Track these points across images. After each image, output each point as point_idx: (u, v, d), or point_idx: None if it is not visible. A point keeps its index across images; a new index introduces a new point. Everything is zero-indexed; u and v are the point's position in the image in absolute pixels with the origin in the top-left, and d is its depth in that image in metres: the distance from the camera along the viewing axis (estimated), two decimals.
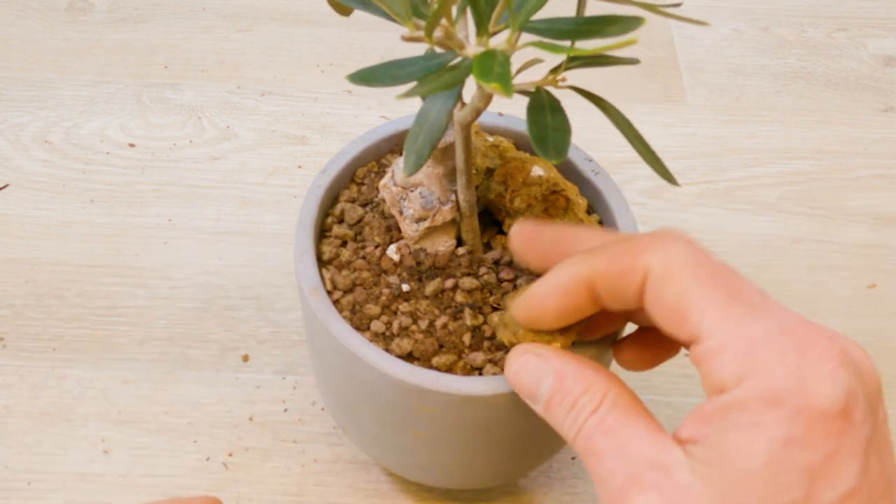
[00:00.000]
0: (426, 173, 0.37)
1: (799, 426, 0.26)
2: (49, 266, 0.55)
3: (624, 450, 0.29)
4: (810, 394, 0.26)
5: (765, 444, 0.26)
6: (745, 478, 0.27)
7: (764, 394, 0.27)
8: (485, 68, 0.23)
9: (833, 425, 0.26)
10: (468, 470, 0.41)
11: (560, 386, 0.31)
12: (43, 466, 0.47)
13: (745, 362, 0.27)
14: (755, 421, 0.27)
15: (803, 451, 0.26)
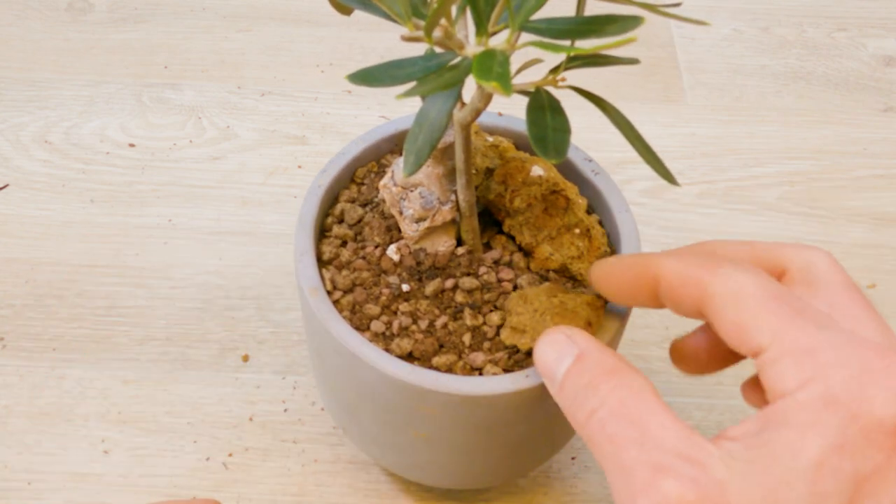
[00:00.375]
0: (426, 173, 0.37)
1: (852, 432, 0.26)
2: (49, 266, 0.55)
3: (650, 440, 0.28)
4: (869, 402, 0.26)
5: (816, 444, 0.26)
6: (789, 476, 0.26)
7: (823, 396, 0.26)
8: (484, 68, 0.23)
9: (887, 439, 0.26)
10: (468, 470, 0.41)
11: (580, 363, 0.31)
12: (43, 466, 0.47)
13: (807, 367, 0.27)
14: (810, 421, 0.26)
15: (853, 459, 0.26)
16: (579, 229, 0.39)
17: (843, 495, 0.26)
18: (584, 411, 0.30)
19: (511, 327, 0.36)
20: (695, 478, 0.27)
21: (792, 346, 0.28)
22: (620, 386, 0.30)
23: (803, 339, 0.28)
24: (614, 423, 0.29)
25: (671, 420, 0.28)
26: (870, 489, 0.26)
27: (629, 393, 0.30)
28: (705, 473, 0.27)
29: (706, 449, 0.27)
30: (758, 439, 0.27)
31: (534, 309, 0.36)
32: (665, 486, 0.27)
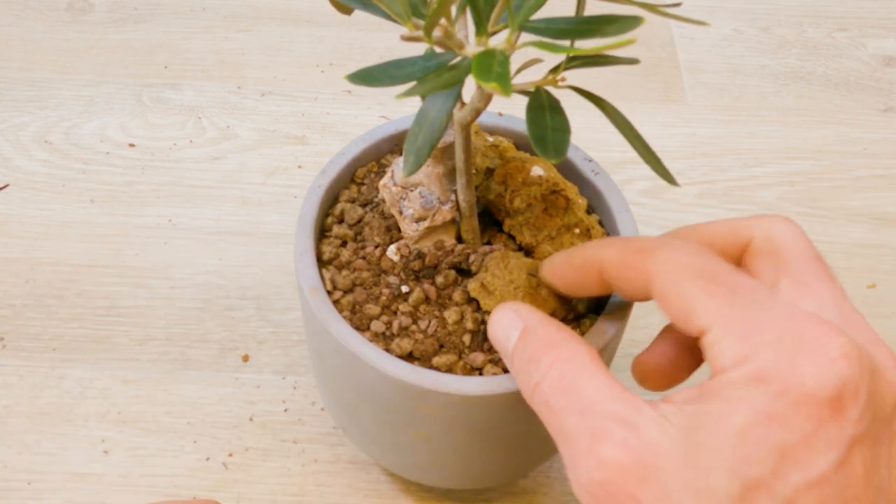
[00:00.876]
0: (426, 173, 0.37)
1: (781, 404, 0.26)
2: (49, 266, 0.55)
3: (588, 407, 0.29)
4: (800, 376, 0.26)
5: (743, 414, 0.26)
6: (715, 444, 0.26)
7: (755, 373, 0.27)
8: (484, 68, 0.23)
9: (817, 410, 0.26)
10: (468, 470, 0.41)
11: (524, 338, 0.32)
12: (43, 466, 0.47)
13: (744, 346, 0.27)
14: (740, 395, 0.27)
15: (781, 429, 0.26)
16: (579, 229, 0.39)
17: (766, 462, 0.26)
18: (530, 385, 0.31)
19: (482, 283, 0.37)
20: (628, 441, 0.27)
21: (729, 327, 0.28)
22: (560, 358, 0.30)
23: (740, 318, 0.28)
24: (555, 394, 0.30)
25: (608, 385, 0.29)
26: (796, 458, 0.26)
27: (568, 364, 0.30)
28: (639, 436, 0.27)
29: (641, 411, 0.28)
30: (691, 407, 0.28)
31: (510, 279, 0.36)
32: (601, 451, 0.27)
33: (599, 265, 0.33)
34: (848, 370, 0.26)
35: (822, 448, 0.26)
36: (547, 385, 0.30)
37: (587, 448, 0.28)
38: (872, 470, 0.27)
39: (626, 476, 0.27)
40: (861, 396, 0.26)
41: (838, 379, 0.26)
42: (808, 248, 0.32)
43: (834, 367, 0.26)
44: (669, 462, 0.27)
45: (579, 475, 0.28)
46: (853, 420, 0.26)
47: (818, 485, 0.26)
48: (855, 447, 0.26)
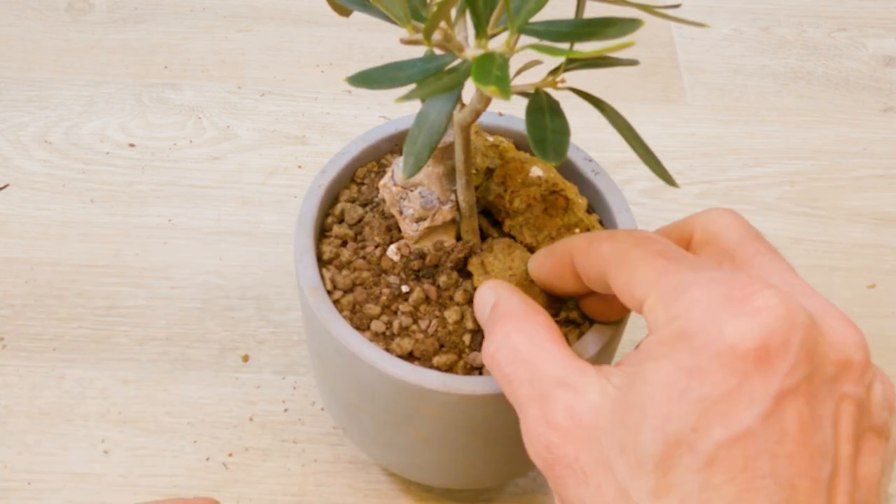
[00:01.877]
0: (426, 173, 0.37)
1: (702, 358, 0.26)
2: (49, 266, 0.55)
3: (537, 374, 0.29)
4: (722, 329, 0.26)
5: (666, 371, 0.26)
6: (641, 402, 0.26)
7: (681, 328, 0.27)
8: (483, 71, 0.23)
9: (740, 363, 0.25)
10: (468, 470, 0.41)
11: (493, 311, 0.33)
12: (43, 466, 0.47)
13: (673, 307, 0.27)
14: (665, 352, 0.27)
15: (702, 384, 0.25)
16: (579, 229, 0.39)
17: (690, 416, 0.25)
18: (488, 356, 0.31)
19: (482, 261, 0.37)
20: (571, 404, 0.28)
21: (664, 291, 0.28)
22: (516, 329, 0.31)
23: (674, 283, 0.28)
24: (509, 363, 0.30)
25: (558, 353, 0.30)
26: (719, 411, 0.25)
27: (523, 335, 0.31)
28: (581, 399, 0.28)
29: (586, 373, 0.28)
30: (628, 369, 0.28)
31: (509, 266, 0.37)
32: (547, 415, 0.28)
33: (570, 255, 0.34)
34: (774, 322, 0.25)
35: (745, 401, 0.25)
36: (502, 355, 0.31)
37: (536, 414, 0.28)
38: (809, 427, 0.26)
39: (569, 438, 0.27)
40: (791, 349, 0.25)
41: (762, 330, 0.25)
42: (747, 231, 0.32)
43: (757, 318, 0.25)
44: (606, 423, 0.27)
45: (531, 441, 0.29)
46: (781, 372, 0.25)
47: (742, 439, 0.25)
48: (785, 400, 0.25)
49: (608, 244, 0.31)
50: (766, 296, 0.26)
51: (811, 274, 0.57)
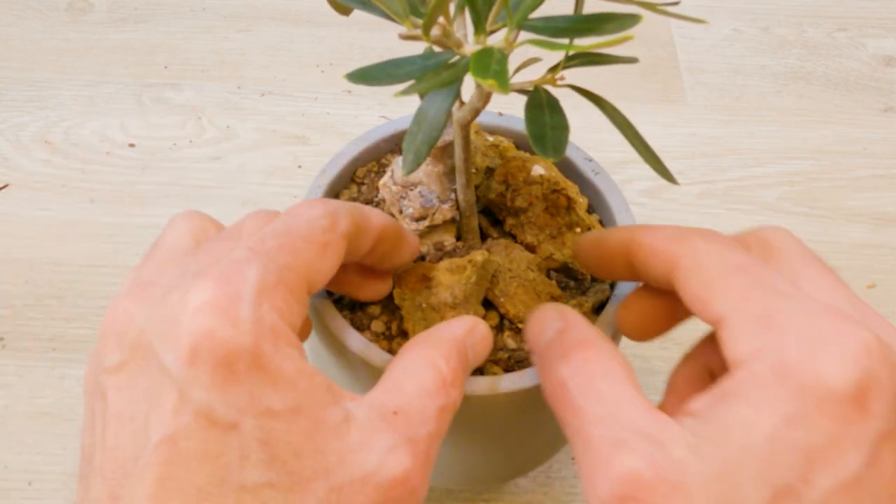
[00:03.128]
0: (426, 172, 0.37)
1: (805, 404, 0.25)
2: (49, 266, 0.55)
3: (613, 416, 0.28)
4: (821, 371, 0.25)
5: (768, 419, 0.25)
6: (743, 453, 0.25)
7: (774, 366, 0.26)
8: (482, 65, 0.23)
9: (841, 409, 0.25)
10: (468, 470, 0.41)
11: (562, 335, 0.31)
12: (43, 466, 0.47)
13: (761, 336, 0.27)
14: (761, 394, 0.26)
15: (806, 431, 0.25)
16: (580, 228, 0.39)
17: (796, 469, 0.25)
18: (557, 381, 0.30)
19: None
20: (652, 456, 0.26)
21: (748, 315, 0.27)
22: (593, 360, 0.30)
23: (759, 308, 0.27)
24: (581, 395, 0.29)
25: (636, 398, 0.28)
26: (823, 461, 0.25)
27: (600, 367, 0.29)
28: (664, 452, 0.26)
29: (668, 427, 0.27)
30: (713, 413, 0.27)
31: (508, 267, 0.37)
32: (624, 462, 0.26)
33: (630, 247, 0.32)
34: (869, 364, 0.25)
35: (849, 448, 0.25)
36: (574, 383, 0.29)
37: (607, 458, 0.27)
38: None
39: (649, 492, 0.26)
40: (885, 391, 0.25)
41: (861, 373, 0.25)
42: (805, 249, 0.31)
43: (856, 361, 0.25)
44: (697, 479, 0.26)
45: (597, 484, 0.27)
46: (879, 416, 0.25)
47: (850, 487, 0.25)
48: (883, 444, 0.25)
49: (680, 246, 0.30)
50: (862, 338, 0.26)
51: None
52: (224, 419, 0.25)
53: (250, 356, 0.26)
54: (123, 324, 0.28)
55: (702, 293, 0.29)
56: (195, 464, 0.25)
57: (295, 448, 0.26)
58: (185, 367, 0.26)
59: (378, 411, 0.28)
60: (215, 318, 0.26)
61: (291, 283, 0.28)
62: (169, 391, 0.26)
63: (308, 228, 0.29)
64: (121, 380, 0.27)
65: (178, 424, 0.25)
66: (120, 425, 0.27)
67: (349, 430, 0.27)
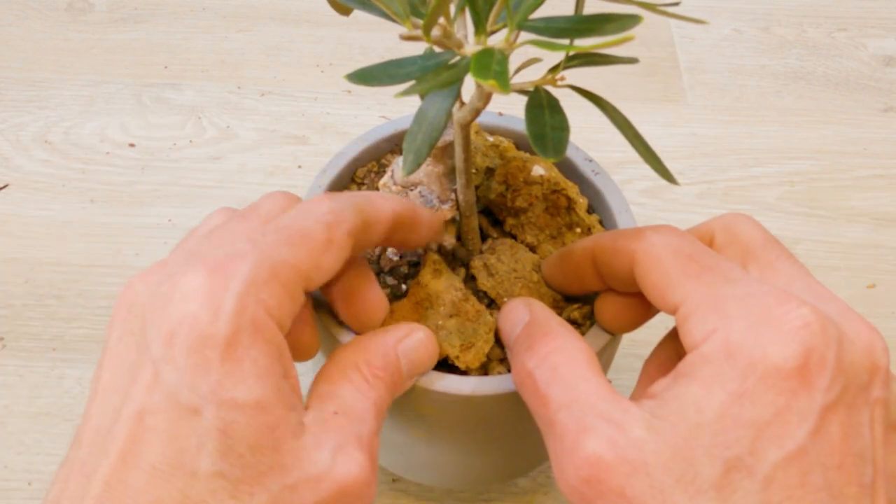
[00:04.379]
0: (426, 172, 0.37)
1: (750, 380, 0.26)
2: (49, 266, 0.55)
3: (577, 402, 0.29)
4: (765, 349, 0.27)
5: (717, 396, 0.27)
6: (695, 430, 0.27)
7: (722, 347, 0.27)
8: (482, 66, 0.23)
9: (785, 382, 0.26)
10: (468, 470, 0.41)
11: (528, 328, 0.33)
12: (43, 466, 0.47)
13: (711, 320, 0.28)
14: (711, 373, 0.27)
15: (752, 406, 0.26)
16: (580, 229, 0.39)
17: (746, 441, 0.26)
18: (524, 371, 0.31)
19: (485, 263, 0.37)
20: (613, 438, 0.27)
21: (700, 301, 0.29)
22: (557, 349, 0.31)
23: (710, 294, 0.29)
24: (547, 384, 0.30)
25: (599, 384, 0.29)
26: (771, 433, 0.26)
27: (564, 356, 0.30)
28: (624, 433, 0.27)
29: (628, 409, 0.28)
30: (669, 394, 0.28)
31: (513, 267, 0.37)
32: (588, 446, 0.28)
33: (593, 252, 0.34)
34: (811, 339, 0.27)
35: (794, 420, 0.26)
36: (540, 373, 0.30)
37: (573, 443, 0.28)
38: (851, 436, 0.27)
39: (612, 472, 0.27)
40: (828, 364, 0.27)
41: (801, 348, 0.26)
42: (766, 234, 0.33)
43: (796, 337, 0.27)
44: (655, 456, 0.27)
45: (565, 470, 0.28)
46: (822, 388, 0.26)
47: (796, 457, 0.26)
48: (828, 414, 0.26)
49: (637, 242, 0.32)
50: (803, 314, 0.27)
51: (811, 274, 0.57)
52: (188, 403, 0.26)
53: (224, 345, 0.27)
54: (129, 301, 0.29)
55: (658, 283, 0.30)
56: (155, 442, 0.26)
57: (252, 442, 0.27)
58: (163, 348, 0.27)
59: (321, 414, 0.29)
60: (198, 305, 0.27)
61: (285, 278, 0.29)
62: (146, 368, 0.27)
63: (311, 225, 0.30)
64: (115, 353, 0.28)
65: (147, 401, 0.26)
66: (105, 397, 0.28)
67: (304, 432, 0.28)
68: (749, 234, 0.32)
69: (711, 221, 0.34)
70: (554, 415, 0.29)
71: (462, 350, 0.35)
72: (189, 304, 0.27)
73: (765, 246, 0.32)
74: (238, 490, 0.26)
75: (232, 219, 0.32)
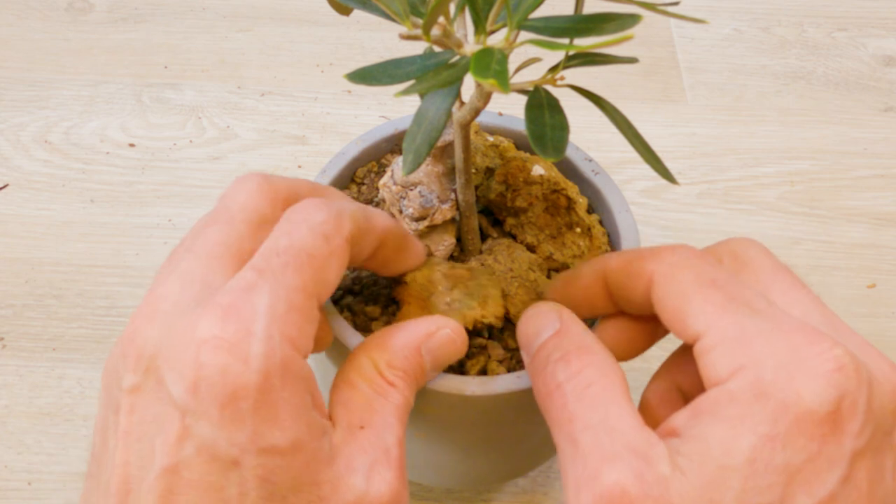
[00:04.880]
0: (426, 172, 0.37)
1: (782, 424, 0.26)
2: (49, 266, 0.55)
3: (606, 427, 0.28)
4: (798, 391, 0.26)
5: (747, 439, 0.26)
6: (724, 473, 0.26)
7: (752, 386, 0.26)
8: (482, 65, 0.23)
9: (818, 428, 0.26)
10: (468, 470, 0.41)
11: (559, 337, 0.31)
12: (43, 466, 0.47)
13: (739, 355, 0.27)
14: (740, 414, 0.26)
15: (784, 451, 0.26)
16: (580, 228, 0.39)
17: (776, 488, 0.25)
18: (552, 383, 0.30)
19: (482, 263, 0.37)
20: (640, 472, 0.26)
21: (725, 334, 0.28)
22: (591, 366, 0.30)
23: (736, 326, 0.28)
24: (576, 400, 0.29)
25: (628, 411, 0.28)
26: (803, 480, 0.26)
27: (598, 375, 0.29)
28: (651, 469, 0.26)
29: (656, 445, 0.27)
30: (694, 432, 0.27)
31: (510, 267, 0.37)
32: (612, 475, 0.27)
33: (603, 275, 0.32)
34: (845, 383, 0.26)
35: (825, 466, 0.26)
36: (571, 388, 0.29)
37: (596, 468, 0.27)
38: (877, 481, 0.26)
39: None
40: (859, 409, 0.26)
41: (836, 392, 0.26)
42: (776, 262, 0.31)
43: (831, 380, 0.26)
44: (679, 498, 0.26)
45: (581, 493, 0.27)
46: (853, 434, 0.26)
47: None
48: (858, 461, 0.26)
49: (654, 264, 0.30)
50: (836, 356, 0.26)
51: (811, 274, 0.57)
52: (226, 455, 0.26)
53: (257, 394, 0.26)
54: (140, 345, 0.28)
55: (679, 309, 0.29)
56: (195, 495, 0.26)
57: (293, 483, 0.26)
58: (190, 398, 0.26)
59: (349, 430, 0.29)
60: (225, 355, 0.26)
61: (301, 305, 0.28)
62: (172, 420, 0.26)
63: (313, 240, 0.29)
64: (134, 402, 0.27)
65: (180, 455, 0.26)
66: (127, 444, 0.27)
67: (335, 458, 0.28)
68: (759, 262, 0.31)
69: (717, 246, 0.32)
70: (579, 434, 0.28)
71: (482, 307, 0.35)
72: (212, 353, 0.26)
73: (775, 274, 0.31)
74: None
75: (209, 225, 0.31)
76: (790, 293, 0.30)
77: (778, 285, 0.30)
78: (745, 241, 0.32)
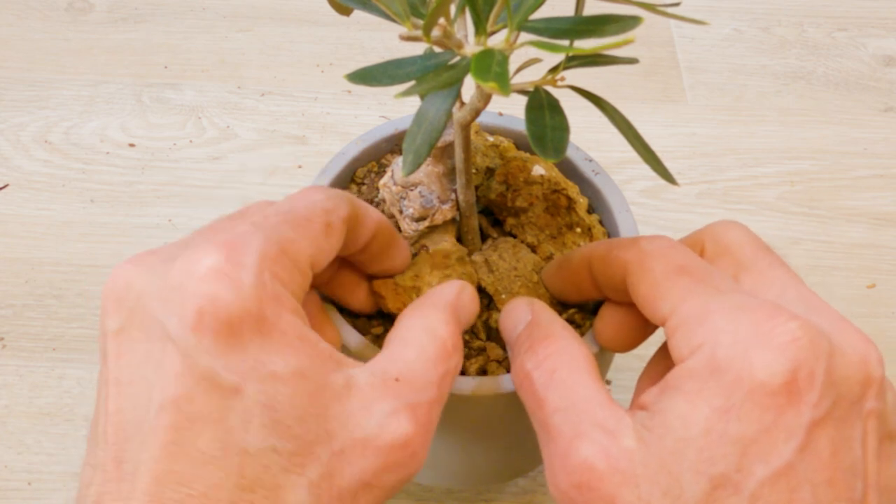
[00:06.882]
0: (426, 172, 0.37)
1: (736, 396, 0.26)
2: (49, 266, 0.55)
3: (573, 407, 0.29)
4: (752, 364, 0.26)
5: (702, 411, 0.27)
6: (681, 445, 0.27)
7: (709, 361, 0.27)
8: (482, 67, 0.23)
9: (772, 399, 0.26)
10: (468, 470, 0.41)
11: (529, 328, 0.32)
12: (43, 466, 0.47)
13: (699, 333, 0.28)
14: (697, 388, 0.27)
15: (738, 422, 0.26)
16: (580, 228, 0.39)
17: (732, 457, 0.26)
18: (522, 373, 0.31)
19: (486, 259, 0.37)
20: (606, 446, 0.27)
21: (688, 314, 0.28)
22: (557, 352, 0.31)
23: (699, 307, 0.28)
24: (544, 386, 0.30)
25: (595, 390, 0.29)
26: (758, 450, 0.26)
27: (563, 360, 0.30)
28: (616, 443, 0.27)
29: (622, 419, 0.28)
30: (657, 406, 0.28)
31: (514, 266, 0.37)
32: (581, 452, 0.28)
33: (589, 261, 0.34)
34: (799, 354, 0.26)
35: (782, 437, 0.26)
36: (538, 375, 0.30)
37: (567, 448, 0.28)
38: (841, 451, 0.27)
39: (603, 481, 0.27)
40: (816, 379, 0.26)
41: (789, 364, 0.26)
42: (757, 242, 0.32)
43: (784, 352, 0.26)
44: (643, 468, 0.27)
45: (557, 473, 0.28)
46: (811, 404, 0.26)
47: (783, 474, 0.26)
48: (816, 430, 0.26)
49: (630, 252, 0.31)
50: (791, 328, 0.27)
51: (811, 274, 0.57)
52: (228, 383, 0.26)
53: (254, 321, 0.26)
54: (121, 288, 0.28)
55: (648, 294, 0.30)
56: (199, 428, 0.26)
57: (299, 412, 0.26)
58: (189, 332, 0.26)
59: (380, 378, 0.29)
60: (219, 284, 0.26)
61: (294, 254, 0.29)
62: (171, 355, 0.26)
63: (310, 209, 0.30)
64: (120, 344, 0.28)
65: (182, 388, 0.26)
66: (119, 389, 0.27)
67: (350, 395, 0.28)
68: (740, 243, 0.32)
69: (701, 231, 0.33)
70: (549, 418, 0.29)
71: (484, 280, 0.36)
72: (208, 284, 0.26)
73: (756, 254, 0.32)
74: (291, 462, 0.26)
75: (223, 217, 0.32)
76: (768, 272, 0.31)
77: (758, 265, 0.31)
78: (726, 223, 0.33)
